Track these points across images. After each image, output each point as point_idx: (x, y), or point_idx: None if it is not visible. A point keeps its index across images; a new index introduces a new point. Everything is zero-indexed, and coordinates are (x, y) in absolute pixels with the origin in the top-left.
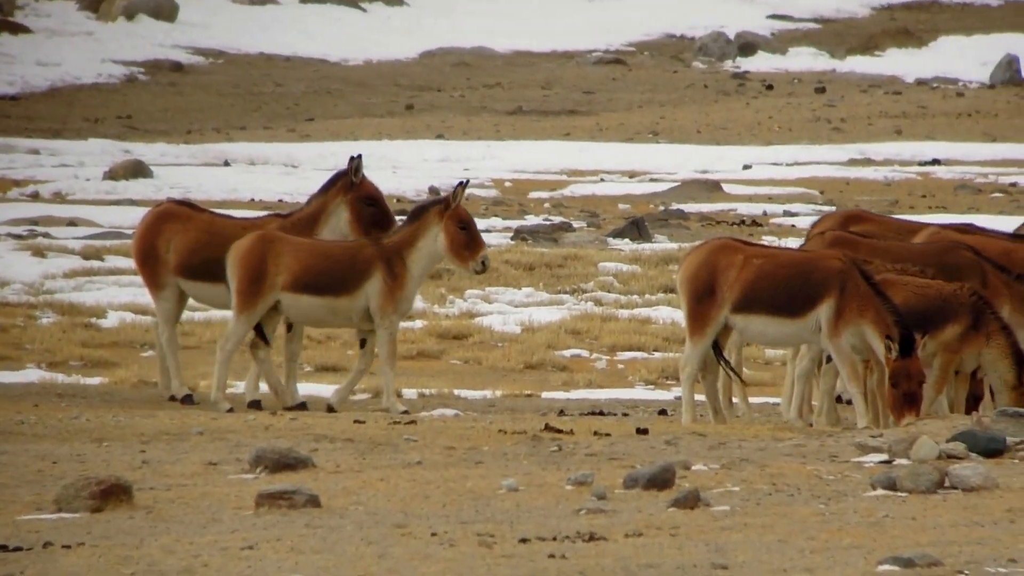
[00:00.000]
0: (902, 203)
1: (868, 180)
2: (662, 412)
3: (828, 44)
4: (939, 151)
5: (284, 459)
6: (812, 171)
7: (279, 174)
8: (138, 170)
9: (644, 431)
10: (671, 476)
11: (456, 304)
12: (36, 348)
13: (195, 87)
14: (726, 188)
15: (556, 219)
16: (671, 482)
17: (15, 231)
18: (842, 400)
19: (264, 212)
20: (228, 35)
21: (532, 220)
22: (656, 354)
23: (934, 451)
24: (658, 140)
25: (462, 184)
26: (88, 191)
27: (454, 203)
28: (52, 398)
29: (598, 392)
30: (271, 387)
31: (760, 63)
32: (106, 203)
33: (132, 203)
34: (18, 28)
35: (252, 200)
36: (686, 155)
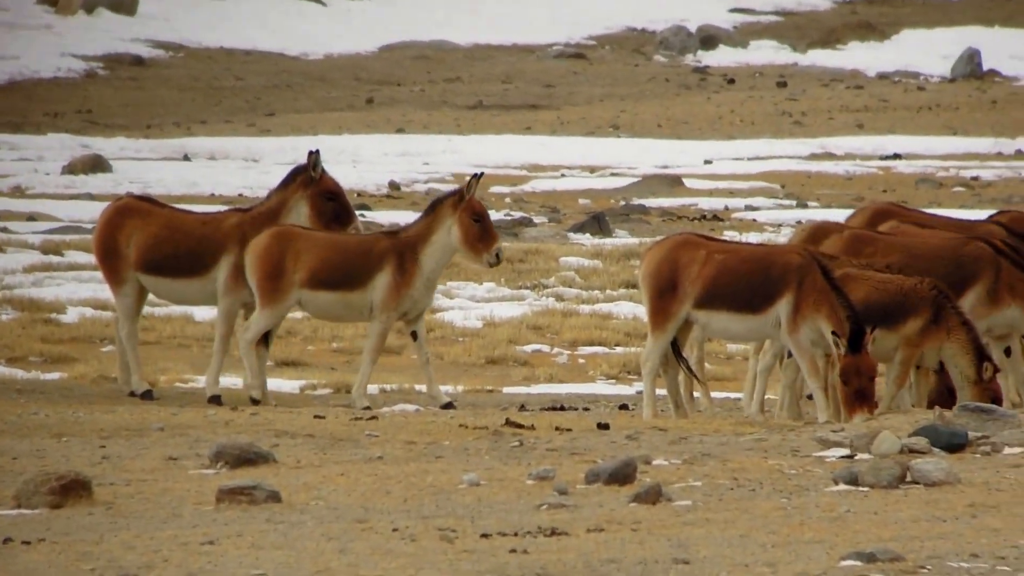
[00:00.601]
0: (863, 197)
1: (829, 174)
2: (623, 407)
3: (790, 37)
4: (900, 145)
5: (245, 454)
6: (773, 165)
7: (239, 168)
8: (97, 164)
9: (605, 426)
10: (632, 471)
11: None
12: None
13: (155, 81)
14: (687, 183)
15: (517, 214)
16: (632, 477)
17: None
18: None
19: (224, 207)
20: (188, 29)
21: (493, 215)
22: (617, 349)
23: (896, 446)
24: (619, 134)
25: (476, 176)
26: (47, 185)
27: (468, 195)
28: (11, 394)
29: (559, 387)
30: (248, 368)
31: (721, 57)
32: (65, 198)
33: (91, 198)
34: None
35: (212, 195)
36: (647, 150)
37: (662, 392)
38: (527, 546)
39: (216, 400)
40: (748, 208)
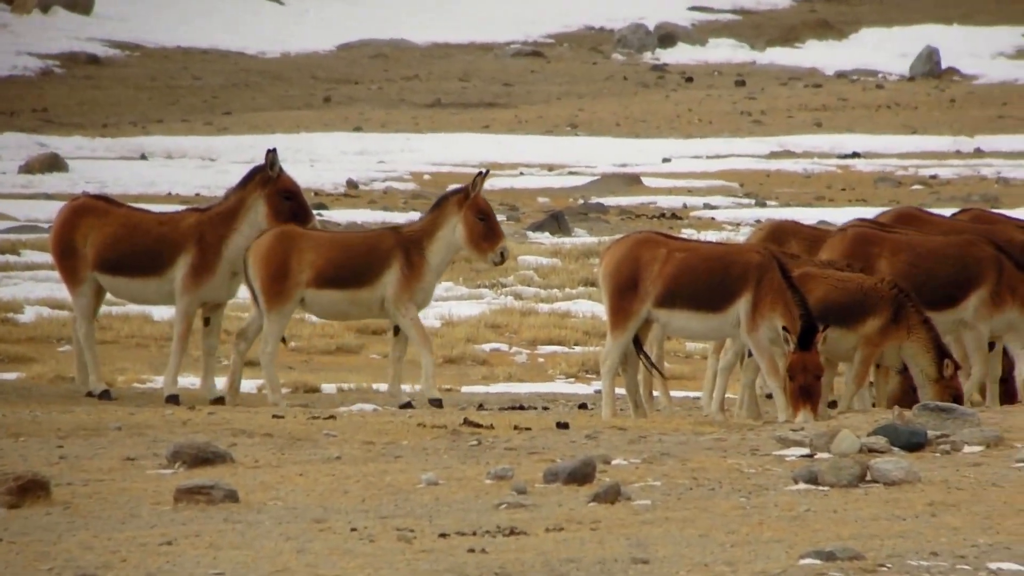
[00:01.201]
0: (822, 196)
1: (788, 173)
2: (582, 406)
3: (748, 36)
4: (859, 143)
5: (202, 454)
6: (732, 164)
7: (196, 167)
8: (54, 164)
9: (564, 425)
10: (591, 470)
11: None
12: None
13: (112, 80)
14: (646, 181)
15: None
16: (591, 476)
17: None
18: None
19: (181, 206)
20: (145, 28)
21: None
22: (576, 348)
23: (855, 445)
24: (577, 133)
25: (482, 174)
26: (3, 185)
27: (473, 192)
28: None
29: (518, 386)
30: (232, 376)
31: (680, 55)
32: (22, 197)
33: (48, 197)
34: None
35: (169, 194)
36: (605, 148)
37: (621, 391)
38: (485, 546)
39: (174, 400)
40: (707, 207)
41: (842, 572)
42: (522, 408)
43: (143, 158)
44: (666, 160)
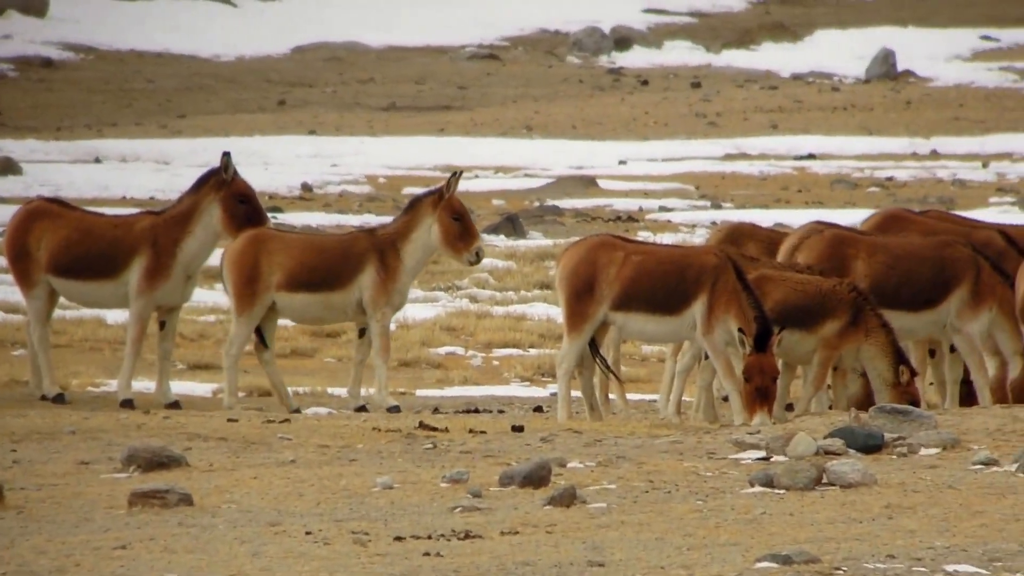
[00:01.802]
0: (778, 198)
1: (744, 175)
2: (538, 409)
3: (704, 38)
4: (815, 145)
5: (157, 458)
6: (688, 166)
7: (151, 171)
8: (8, 167)
9: (520, 428)
10: (547, 474)
11: None
12: None
13: (66, 83)
14: (601, 184)
15: None
16: (547, 480)
17: None
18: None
19: (136, 209)
20: (99, 31)
21: None
22: (532, 351)
23: (812, 448)
24: (532, 135)
25: (455, 175)
26: None
27: (448, 194)
28: None
29: (473, 389)
30: (275, 389)
31: (635, 58)
32: None
33: (2, 201)
34: None
35: (124, 197)
36: (561, 151)
37: (577, 394)
38: (441, 549)
39: (128, 404)
40: (662, 209)
41: (798, 575)
42: (477, 411)
43: (97, 161)
44: (622, 163)
